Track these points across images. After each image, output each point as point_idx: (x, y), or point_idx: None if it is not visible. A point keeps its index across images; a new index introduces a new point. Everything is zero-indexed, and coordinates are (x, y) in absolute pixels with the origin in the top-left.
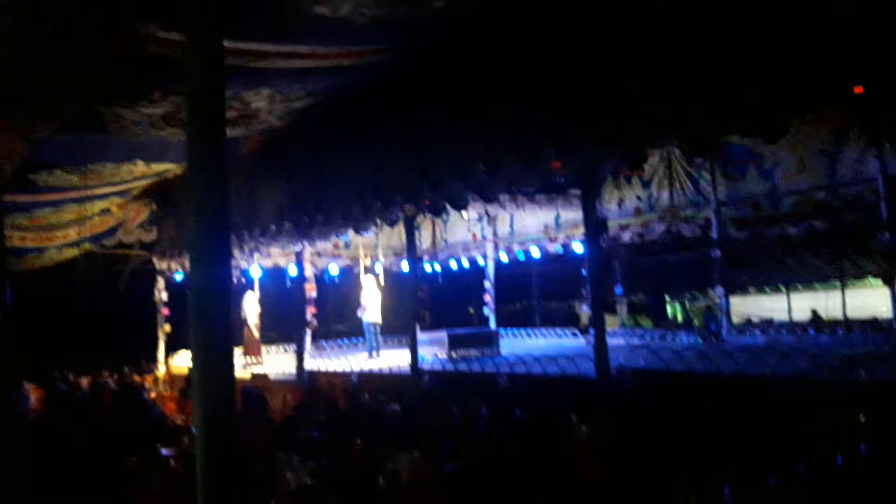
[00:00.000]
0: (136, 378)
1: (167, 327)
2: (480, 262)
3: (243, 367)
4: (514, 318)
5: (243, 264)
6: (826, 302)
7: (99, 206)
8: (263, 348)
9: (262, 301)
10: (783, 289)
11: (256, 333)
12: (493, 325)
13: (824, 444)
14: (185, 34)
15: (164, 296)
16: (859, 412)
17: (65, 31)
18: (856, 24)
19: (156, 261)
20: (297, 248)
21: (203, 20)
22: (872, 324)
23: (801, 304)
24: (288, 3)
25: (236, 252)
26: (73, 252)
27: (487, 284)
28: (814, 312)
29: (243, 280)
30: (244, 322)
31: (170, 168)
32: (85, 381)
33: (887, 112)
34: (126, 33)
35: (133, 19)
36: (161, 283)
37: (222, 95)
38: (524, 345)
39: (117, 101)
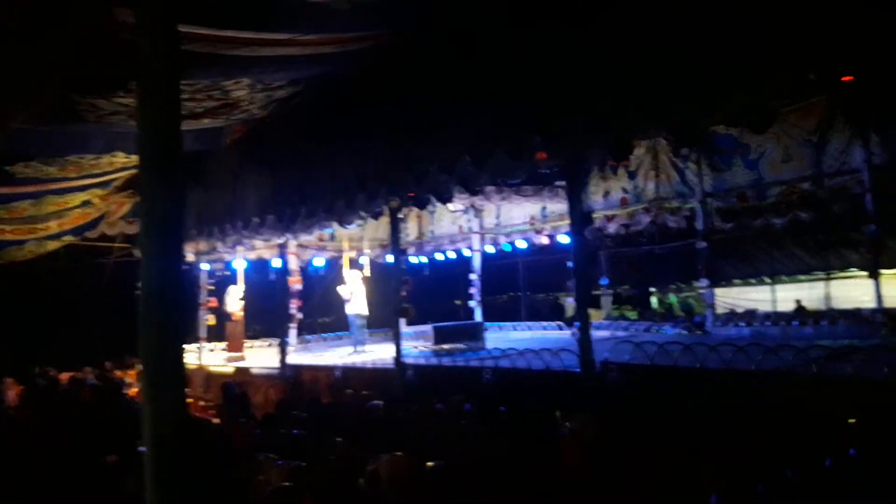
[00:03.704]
0: (118, 373)
1: None
2: (467, 253)
3: (225, 361)
4: (501, 310)
5: (227, 257)
6: (810, 293)
7: (80, 198)
8: (247, 342)
9: (246, 294)
10: (768, 280)
11: (240, 327)
12: (478, 317)
13: (812, 445)
14: (134, 13)
15: None
16: (847, 411)
17: (34, 18)
18: (843, 14)
19: (138, 253)
20: (282, 240)
21: None
22: (855, 315)
23: (785, 295)
24: None
25: (219, 245)
26: (54, 245)
27: (473, 276)
28: (798, 304)
29: (227, 273)
30: (227, 316)
31: None
32: (65, 377)
33: (873, 102)
34: (95, 18)
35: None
36: None
37: (177, 83)
38: (510, 338)
39: (93, 90)
